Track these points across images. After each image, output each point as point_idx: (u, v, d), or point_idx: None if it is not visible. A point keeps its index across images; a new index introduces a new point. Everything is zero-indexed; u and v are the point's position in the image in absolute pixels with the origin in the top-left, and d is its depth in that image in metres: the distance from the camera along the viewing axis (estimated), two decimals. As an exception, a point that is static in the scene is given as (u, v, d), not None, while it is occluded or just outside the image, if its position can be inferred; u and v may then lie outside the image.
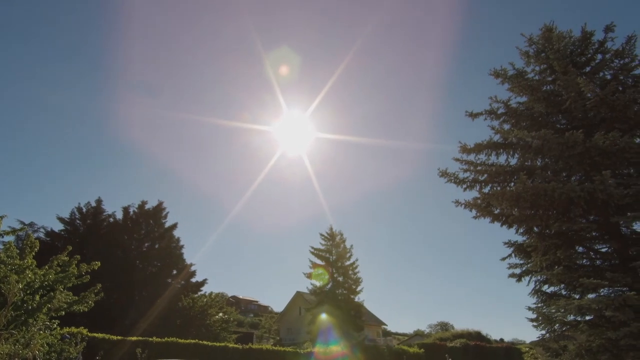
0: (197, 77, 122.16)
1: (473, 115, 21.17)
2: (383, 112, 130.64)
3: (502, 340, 75.99)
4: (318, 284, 47.11)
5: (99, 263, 13.93)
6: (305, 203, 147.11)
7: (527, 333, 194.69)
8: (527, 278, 19.76)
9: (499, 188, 19.58)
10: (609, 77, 19.59)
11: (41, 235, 41.09)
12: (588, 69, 20.13)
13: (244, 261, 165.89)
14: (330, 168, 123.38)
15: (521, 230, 20.29)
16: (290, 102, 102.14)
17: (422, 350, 39.76)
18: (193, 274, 44.53)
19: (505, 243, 20.47)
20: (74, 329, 17.42)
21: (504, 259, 20.48)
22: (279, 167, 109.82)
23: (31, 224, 41.73)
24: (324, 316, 43.25)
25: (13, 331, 9.31)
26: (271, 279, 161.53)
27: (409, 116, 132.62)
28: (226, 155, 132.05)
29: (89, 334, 18.42)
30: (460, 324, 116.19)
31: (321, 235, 49.12)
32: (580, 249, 18.86)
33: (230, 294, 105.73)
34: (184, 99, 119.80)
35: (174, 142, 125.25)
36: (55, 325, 12.21)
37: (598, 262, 18.57)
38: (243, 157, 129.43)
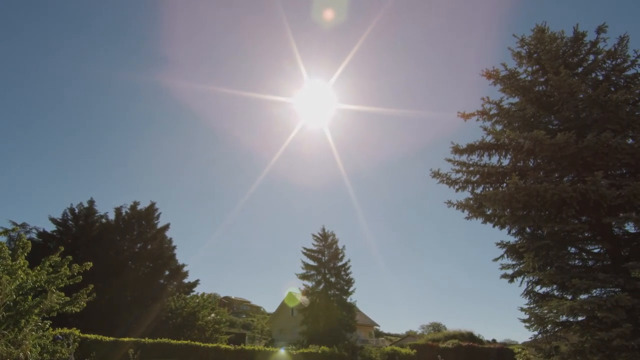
0: (213, 46, 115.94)
1: (465, 116, 21.21)
2: (414, 81, 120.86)
3: (494, 341, 75.97)
4: (310, 284, 47.13)
5: (91, 264, 13.85)
6: (325, 183, 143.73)
7: (519, 334, 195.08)
8: (520, 279, 19.81)
9: (491, 189, 19.63)
10: (601, 77, 19.68)
11: (33, 236, 40.92)
12: (580, 69, 20.22)
13: (236, 262, 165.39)
14: (352, 141, 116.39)
15: (513, 231, 20.37)
16: (312, 71, 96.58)
17: (414, 351, 39.84)
18: (185, 274, 44.44)
19: (497, 244, 20.52)
20: (66, 330, 17.33)
21: (496, 259, 20.53)
22: (298, 142, 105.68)
23: (23, 225, 41.53)
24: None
25: (4, 331, 9.26)
26: (263, 279, 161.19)
27: (444, 86, 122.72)
28: (243, 132, 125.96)
29: (81, 335, 18.32)
30: (453, 325, 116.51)
31: (313, 235, 49.13)
32: (573, 249, 18.90)
33: (222, 295, 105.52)
34: (200, 69, 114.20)
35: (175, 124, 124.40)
36: (47, 326, 12.15)
37: (590, 262, 18.64)
38: (258, 134, 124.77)
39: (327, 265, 47.70)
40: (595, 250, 18.65)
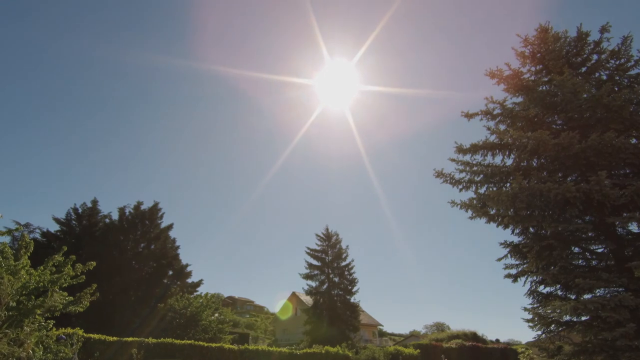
0: (228, 25, 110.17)
1: (469, 116, 21.18)
2: (445, 59, 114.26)
3: (498, 340, 75.81)
4: (314, 284, 47.16)
5: (94, 263, 13.85)
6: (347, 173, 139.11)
7: (523, 333, 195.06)
8: (523, 278, 19.78)
9: (494, 188, 19.60)
10: (604, 77, 19.67)
11: (37, 235, 40.97)
12: (584, 69, 20.20)
13: (240, 261, 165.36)
14: (376, 125, 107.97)
15: (517, 231, 20.33)
16: (334, 50, 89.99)
17: (418, 351, 39.69)
18: (189, 274, 44.45)
19: (501, 244, 20.49)
20: (69, 330, 17.32)
21: (500, 259, 20.50)
22: (316, 128, 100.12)
23: (27, 225, 41.63)
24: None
25: (7, 331, 9.28)
26: (267, 279, 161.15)
27: (478, 65, 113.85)
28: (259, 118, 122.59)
29: (85, 335, 18.32)
30: (456, 325, 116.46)
31: (317, 235, 49.21)
32: (576, 249, 18.89)
33: (226, 295, 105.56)
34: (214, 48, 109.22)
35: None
36: (50, 326, 12.17)
37: (594, 262, 18.61)
38: (273, 123, 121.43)
39: (330, 265, 47.76)
40: (599, 250, 18.63)
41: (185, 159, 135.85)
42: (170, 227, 45.44)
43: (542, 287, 19.42)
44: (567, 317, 17.67)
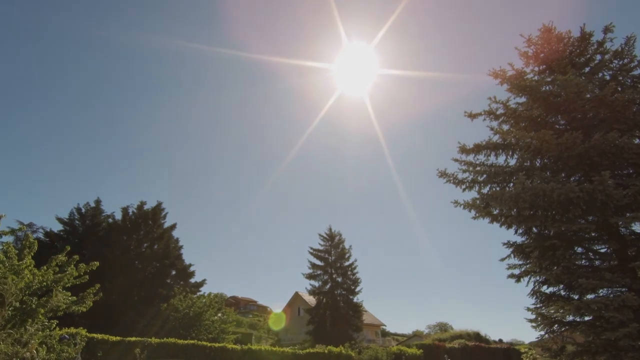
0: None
1: (472, 116, 21.17)
2: (471, 39, 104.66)
3: (501, 340, 75.74)
4: (317, 284, 47.24)
5: (97, 263, 13.88)
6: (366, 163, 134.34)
7: (526, 334, 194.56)
8: (526, 278, 19.72)
9: (498, 188, 19.59)
10: (608, 77, 19.63)
11: (40, 235, 41.17)
12: (587, 69, 20.17)
13: (243, 261, 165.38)
14: (396, 111, 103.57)
15: (520, 231, 20.30)
16: (352, 32, 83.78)
17: (421, 351, 39.66)
18: (192, 274, 44.55)
19: (504, 243, 20.47)
20: (73, 330, 17.37)
21: (503, 259, 20.46)
22: (333, 115, 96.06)
23: (30, 225, 41.84)
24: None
25: (11, 331, 9.30)
26: (270, 279, 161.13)
27: (508, 43, 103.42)
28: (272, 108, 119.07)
29: (88, 335, 18.34)
30: (459, 325, 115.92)
31: (320, 235, 49.36)
32: (579, 249, 18.88)
33: (229, 295, 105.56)
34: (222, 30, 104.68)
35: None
36: (54, 326, 12.20)
37: (597, 262, 18.60)
38: (284, 116, 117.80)
39: (333, 265, 47.90)
40: (602, 250, 18.61)
41: (190, 157, 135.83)
42: (173, 227, 45.59)
43: (545, 287, 19.38)
44: (570, 317, 17.70)
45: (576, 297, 17.99)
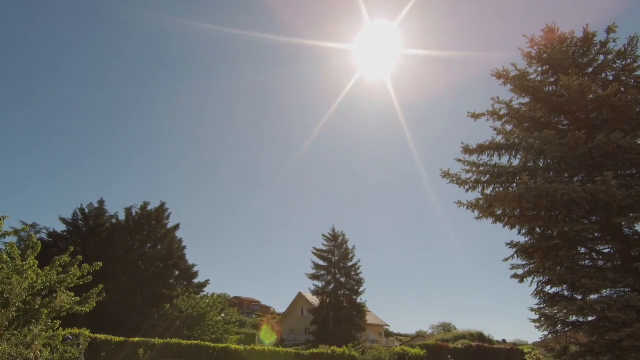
0: None
1: (475, 116, 21.15)
2: (505, 14, 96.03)
3: (504, 341, 75.82)
4: (320, 284, 47.25)
5: (101, 264, 13.93)
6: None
7: (529, 334, 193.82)
8: (530, 279, 19.70)
9: (501, 189, 19.55)
10: (611, 78, 19.59)
11: (44, 236, 41.34)
12: (590, 70, 20.13)
13: (247, 262, 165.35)
14: (421, 96, 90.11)
15: (523, 231, 20.27)
16: (374, 8, 76.04)
17: (424, 351, 39.65)
18: (195, 275, 44.67)
19: (507, 244, 20.43)
20: (76, 330, 17.40)
21: (506, 259, 20.42)
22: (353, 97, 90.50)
23: (34, 225, 42.00)
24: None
25: (15, 332, 9.32)
26: (274, 279, 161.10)
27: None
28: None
29: (92, 335, 18.40)
30: (463, 325, 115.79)
31: (323, 236, 49.41)
32: (583, 249, 18.86)
33: (232, 295, 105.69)
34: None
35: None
36: (57, 326, 12.23)
37: (600, 263, 18.58)
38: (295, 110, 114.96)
39: (337, 266, 47.92)
40: (605, 251, 18.56)
41: (195, 157, 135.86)
42: (176, 227, 45.73)
43: (548, 287, 19.36)
44: (574, 318, 17.67)
45: (579, 297, 17.96)
